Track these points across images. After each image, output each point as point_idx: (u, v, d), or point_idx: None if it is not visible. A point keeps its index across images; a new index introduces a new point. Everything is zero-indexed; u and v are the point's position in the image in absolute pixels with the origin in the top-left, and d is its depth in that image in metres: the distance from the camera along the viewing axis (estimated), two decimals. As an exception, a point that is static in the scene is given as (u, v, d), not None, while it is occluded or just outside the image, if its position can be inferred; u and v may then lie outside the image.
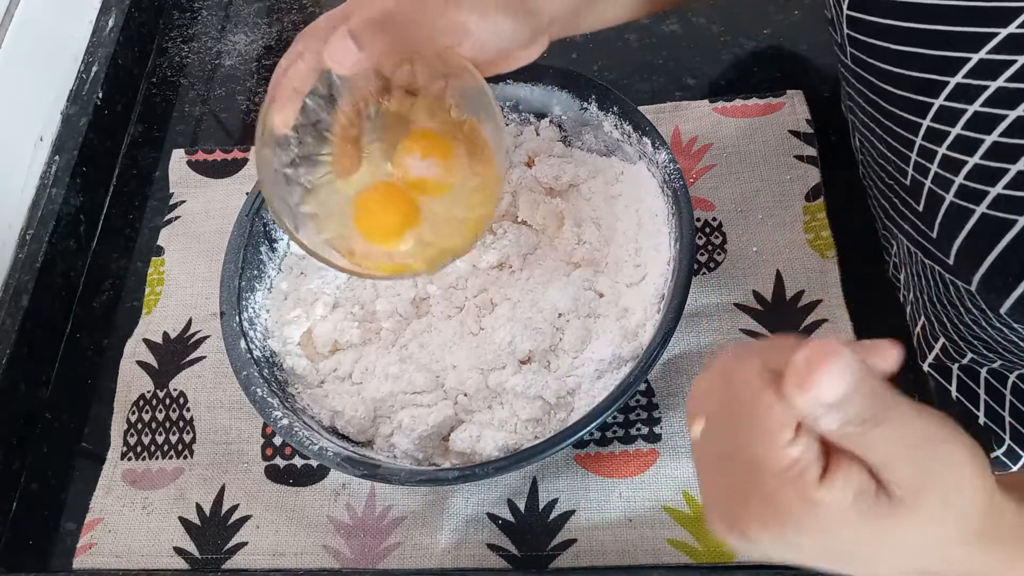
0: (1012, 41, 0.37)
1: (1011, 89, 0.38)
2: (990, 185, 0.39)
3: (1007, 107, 0.38)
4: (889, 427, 0.30)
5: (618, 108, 0.59)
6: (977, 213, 0.39)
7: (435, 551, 0.55)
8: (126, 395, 0.64)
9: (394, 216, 0.53)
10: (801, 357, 0.29)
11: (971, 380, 0.53)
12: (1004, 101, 0.38)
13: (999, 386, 0.52)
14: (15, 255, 0.69)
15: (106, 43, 0.79)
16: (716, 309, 0.59)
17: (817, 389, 0.29)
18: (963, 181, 0.40)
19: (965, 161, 0.40)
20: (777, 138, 0.64)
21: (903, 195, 0.48)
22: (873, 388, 0.30)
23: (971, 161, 0.39)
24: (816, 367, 0.29)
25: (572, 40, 0.75)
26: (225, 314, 0.57)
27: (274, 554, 0.57)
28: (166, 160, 0.75)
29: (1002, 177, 0.38)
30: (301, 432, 0.52)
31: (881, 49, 0.43)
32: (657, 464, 0.55)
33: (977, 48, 0.38)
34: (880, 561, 0.32)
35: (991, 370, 0.51)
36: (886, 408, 0.30)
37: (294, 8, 0.83)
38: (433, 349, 0.59)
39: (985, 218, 0.39)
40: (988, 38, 0.38)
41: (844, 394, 0.29)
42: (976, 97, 0.39)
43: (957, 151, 0.40)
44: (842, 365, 0.28)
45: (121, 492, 0.61)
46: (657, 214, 0.57)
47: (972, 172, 0.39)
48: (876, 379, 0.30)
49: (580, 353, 0.56)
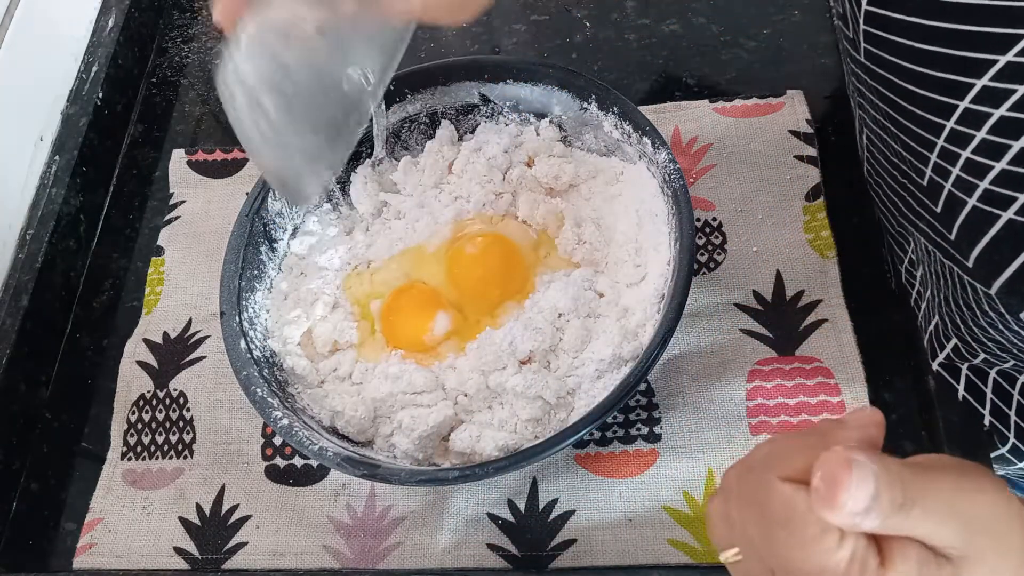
0: None
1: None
2: (1019, 191, 0.38)
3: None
4: (924, 502, 0.31)
5: (618, 108, 0.59)
6: (1003, 219, 0.39)
7: (435, 551, 0.55)
8: (126, 395, 0.64)
9: (415, 322, 0.59)
10: (819, 479, 0.30)
11: (979, 380, 0.53)
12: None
13: (1007, 386, 0.52)
14: (15, 255, 0.69)
15: (106, 43, 0.79)
16: (716, 309, 0.59)
17: (845, 506, 0.30)
18: (988, 186, 0.39)
19: (991, 166, 0.39)
20: (777, 138, 0.64)
21: (919, 195, 0.47)
22: (894, 474, 0.31)
23: (998, 166, 0.38)
24: (837, 485, 0.30)
25: (572, 40, 0.75)
26: (225, 314, 0.57)
27: (274, 554, 0.57)
28: (166, 160, 0.75)
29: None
30: (301, 432, 0.52)
31: (902, 47, 0.41)
32: (657, 464, 0.55)
33: (1005, 50, 0.37)
34: None
35: (1000, 371, 0.51)
36: (915, 486, 0.31)
37: (294, 8, 0.83)
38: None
39: (1012, 224, 0.39)
40: (1017, 40, 0.36)
41: (872, 498, 0.30)
42: (1004, 101, 0.38)
43: (983, 155, 0.39)
44: (861, 474, 0.30)
45: (121, 492, 0.61)
46: (657, 214, 0.57)
47: (998, 177, 0.39)
48: (892, 463, 0.31)
49: (580, 353, 0.56)
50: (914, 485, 0.31)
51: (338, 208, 0.66)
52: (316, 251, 0.63)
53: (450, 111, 0.65)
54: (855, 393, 0.54)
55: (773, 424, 0.54)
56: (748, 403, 0.55)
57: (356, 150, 0.65)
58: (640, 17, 0.75)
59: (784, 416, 0.54)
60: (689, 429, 0.55)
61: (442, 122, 0.65)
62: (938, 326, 0.53)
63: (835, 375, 0.55)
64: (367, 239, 0.64)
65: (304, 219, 0.64)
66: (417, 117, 0.65)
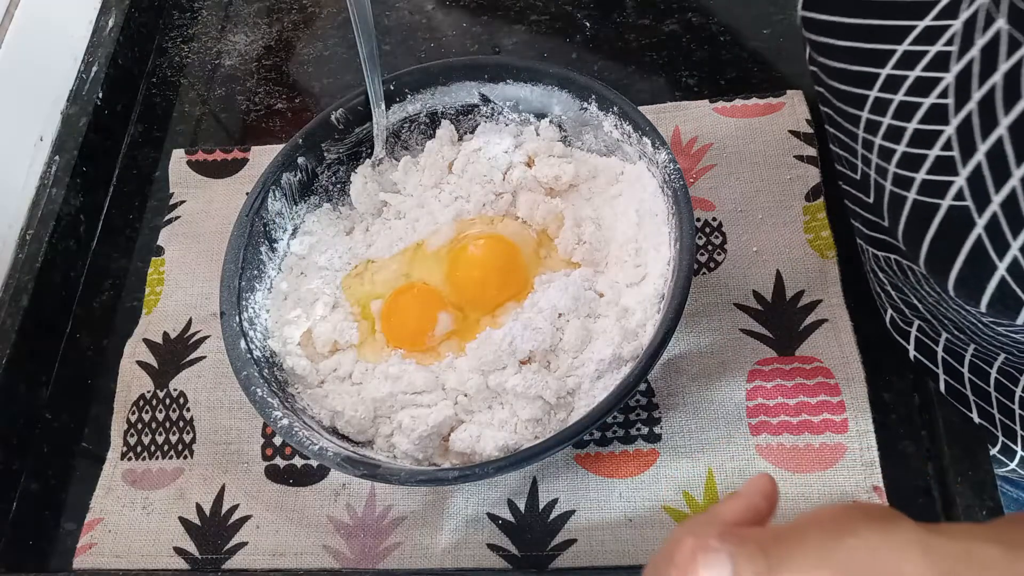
0: (927, 32, 0.40)
1: (925, 78, 0.40)
2: (915, 171, 0.40)
3: (921, 95, 0.40)
4: (790, 563, 0.33)
5: (618, 108, 0.59)
6: (909, 199, 0.40)
7: (435, 551, 0.55)
8: (126, 395, 0.64)
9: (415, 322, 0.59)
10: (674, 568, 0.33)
11: (957, 383, 0.53)
12: (919, 89, 0.40)
13: (983, 384, 0.52)
14: (15, 255, 0.69)
15: (106, 43, 0.79)
16: (716, 309, 0.59)
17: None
18: (895, 169, 0.41)
19: (895, 149, 0.41)
20: (777, 138, 0.64)
21: (857, 193, 0.49)
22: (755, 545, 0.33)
23: (899, 149, 0.41)
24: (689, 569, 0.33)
25: (572, 40, 0.75)
26: (225, 314, 0.57)
27: (274, 554, 0.57)
28: (166, 160, 0.75)
29: (923, 163, 0.40)
30: (301, 432, 0.52)
31: (830, 46, 0.45)
32: (657, 464, 0.55)
33: (901, 40, 0.41)
34: None
35: (973, 366, 0.51)
36: (779, 551, 0.33)
37: (294, 8, 0.83)
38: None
39: (916, 204, 0.40)
40: (909, 30, 0.40)
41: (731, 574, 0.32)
42: (900, 86, 0.41)
43: (889, 140, 0.41)
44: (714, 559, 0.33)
45: (121, 492, 0.61)
46: (657, 214, 0.57)
47: (901, 159, 0.41)
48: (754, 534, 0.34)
49: (580, 353, 0.56)
50: (778, 550, 0.33)
51: (338, 208, 0.66)
52: (316, 251, 0.63)
53: (450, 111, 0.65)
54: (855, 393, 0.54)
55: (773, 424, 0.54)
56: (748, 403, 0.55)
57: (356, 150, 0.65)
58: (640, 17, 0.75)
59: (784, 416, 0.54)
60: (689, 429, 0.55)
61: (442, 122, 0.65)
62: (894, 317, 0.54)
63: (835, 375, 0.55)
64: (367, 239, 0.64)
65: (304, 219, 0.64)
66: (417, 117, 0.65)
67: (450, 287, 0.60)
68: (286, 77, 0.79)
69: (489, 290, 0.59)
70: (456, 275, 0.60)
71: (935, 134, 0.39)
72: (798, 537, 0.34)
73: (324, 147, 0.64)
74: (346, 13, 0.64)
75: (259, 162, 0.72)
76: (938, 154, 0.38)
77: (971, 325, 0.47)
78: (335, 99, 0.64)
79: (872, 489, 0.51)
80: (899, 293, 0.52)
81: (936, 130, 0.39)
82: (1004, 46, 0.35)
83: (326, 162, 0.64)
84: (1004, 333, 0.46)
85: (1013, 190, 0.35)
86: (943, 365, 0.53)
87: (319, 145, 0.63)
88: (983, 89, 0.36)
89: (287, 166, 0.62)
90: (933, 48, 0.39)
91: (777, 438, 0.54)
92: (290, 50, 0.81)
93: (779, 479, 0.53)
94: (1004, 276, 0.36)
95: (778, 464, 0.53)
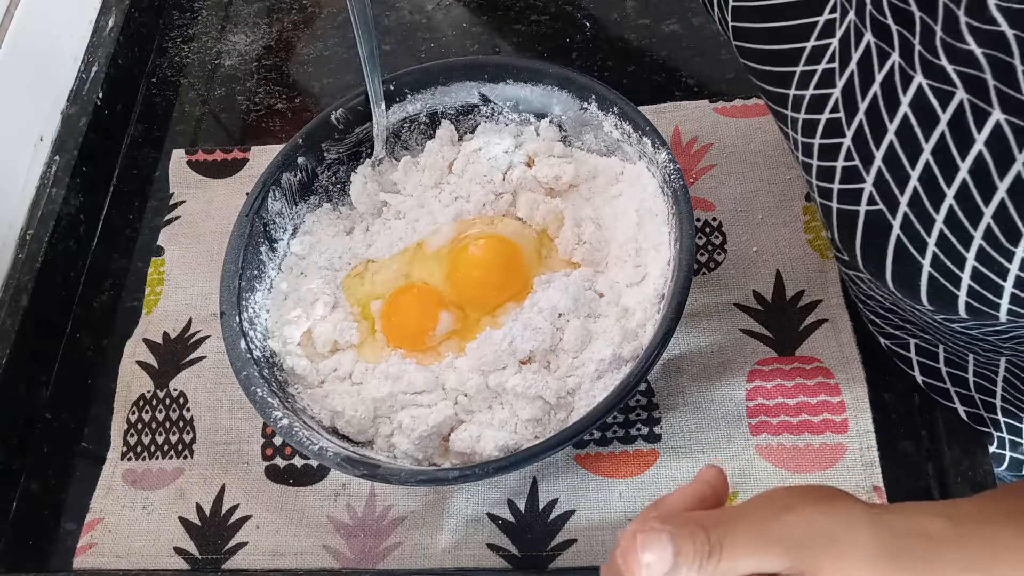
0: (814, 52, 0.42)
1: (818, 95, 0.41)
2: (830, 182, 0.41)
3: (818, 112, 0.41)
4: (733, 539, 0.33)
5: (618, 108, 0.59)
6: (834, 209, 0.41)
7: (435, 551, 0.55)
8: (126, 395, 0.64)
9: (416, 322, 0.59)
10: (619, 557, 0.33)
11: (937, 381, 0.53)
12: (815, 107, 0.41)
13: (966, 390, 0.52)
14: (15, 255, 0.69)
15: (106, 43, 0.79)
16: (716, 309, 0.59)
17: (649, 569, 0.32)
18: (816, 182, 0.42)
19: (812, 164, 0.42)
20: (777, 138, 0.64)
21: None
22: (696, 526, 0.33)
23: (814, 163, 0.42)
24: (629, 557, 0.33)
25: (572, 40, 0.75)
26: (225, 314, 0.57)
27: (274, 554, 0.57)
28: (166, 160, 0.75)
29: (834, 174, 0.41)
30: (301, 432, 0.52)
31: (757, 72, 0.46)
32: (657, 464, 0.55)
33: (807, 37, 0.42)
34: None
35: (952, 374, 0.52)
36: (720, 529, 0.33)
37: (294, 8, 0.83)
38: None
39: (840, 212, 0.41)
40: (801, 51, 0.42)
41: (674, 554, 0.32)
42: (801, 105, 0.42)
43: (806, 155, 0.43)
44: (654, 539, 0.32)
45: (121, 492, 0.61)
46: (657, 214, 0.57)
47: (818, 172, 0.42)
48: (696, 517, 0.34)
49: (580, 353, 0.56)
50: (719, 529, 0.33)
51: (338, 208, 0.66)
52: (316, 251, 0.63)
53: (450, 111, 0.65)
54: (855, 393, 0.54)
55: (773, 424, 0.54)
56: (748, 403, 0.55)
57: (356, 150, 0.65)
58: (640, 17, 0.75)
59: (784, 416, 0.54)
60: (689, 429, 0.55)
61: (442, 122, 0.65)
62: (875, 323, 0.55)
63: (835, 375, 0.55)
64: (367, 239, 0.64)
65: (304, 219, 0.64)
66: (417, 117, 0.65)
67: (451, 287, 0.60)
68: (286, 77, 0.79)
69: (490, 290, 0.59)
70: (457, 275, 0.60)
71: (836, 147, 0.40)
72: (739, 516, 0.34)
73: (324, 147, 0.64)
74: (346, 13, 0.64)
75: (259, 162, 0.72)
76: (843, 164, 0.40)
77: (930, 325, 0.48)
78: (335, 99, 0.64)
79: (872, 489, 0.52)
80: (884, 320, 0.52)
81: (836, 143, 0.40)
82: (875, 58, 0.37)
83: (326, 162, 0.64)
84: (961, 330, 0.46)
85: (915, 190, 0.36)
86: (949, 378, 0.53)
87: (319, 145, 0.63)
88: (867, 100, 0.38)
89: (287, 166, 0.62)
90: (820, 66, 0.41)
91: (777, 438, 0.54)
92: (290, 50, 0.81)
93: (779, 479, 0.53)
94: (931, 272, 0.37)
95: (778, 464, 0.53)
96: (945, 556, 0.33)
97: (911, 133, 0.36)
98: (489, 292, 0.59)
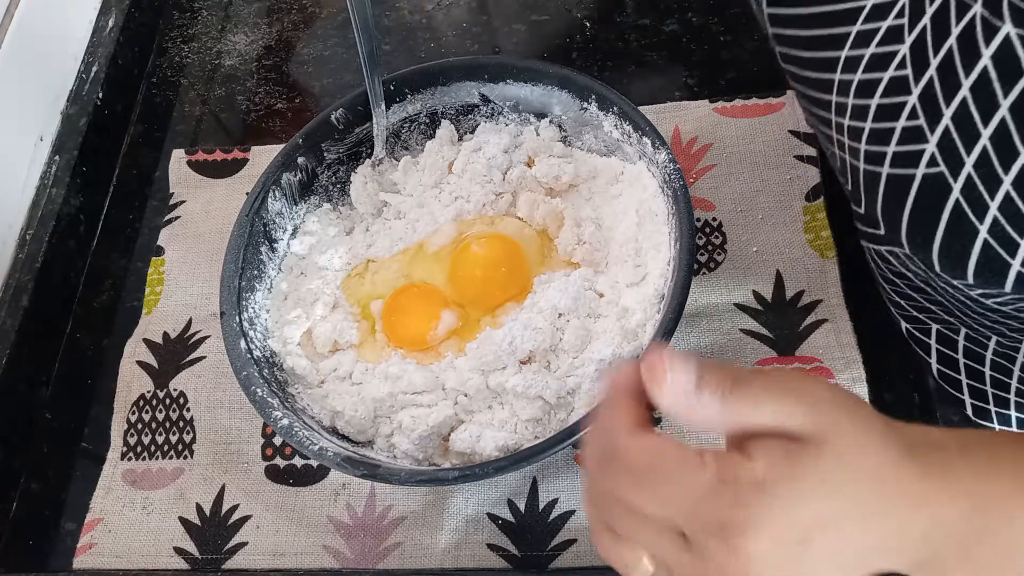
0: (876, 10, 0.41)
1: (880, 54, 0.40)
2: (885, 145, 0.40)
3: (880, 70, 0.40)
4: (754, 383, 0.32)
5: (618, 108, 0.59)
6: (884, 175, 0.41)
7: (435, 551, 0.55)
8: (126, 395, 0.64)
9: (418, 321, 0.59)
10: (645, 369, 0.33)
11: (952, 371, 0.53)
12: (877, 65, 0.41)
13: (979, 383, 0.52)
14: (15, 255, 0.69)
15: (106, 43, 0.79)
16: (716, 309, 0.59)
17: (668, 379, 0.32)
18: (866, 147, 0.41)
19: (863, 128, 0.41)
20: (777, 138, 0.64)
21: (842, 182, 0.49)
22: (714, 364, 0.32)
23: (867, 126, 0.41)
24: (656, 366, 0.32)
25: (572, 40, 0.75)
26: (225, 314, 0.57)
27: (274, 554, 0.57)
28: (166, 160, 0.75)
29: (892, 136, 0.40)
30: (301, 432, 0.52)
31: (795, 38, 0.46)
32: (657, 464, 0.55)
33: (854, 21, 0.42)
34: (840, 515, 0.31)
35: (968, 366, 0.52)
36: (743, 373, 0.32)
37: (294, 8, 0.83)
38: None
39: (890, 178, 0.40)
40: (859, 11, 0.41)
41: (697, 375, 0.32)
42: (858, 65, 0.41)
43: (857, 119, 0.42)
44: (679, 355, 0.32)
45: (121, 492, 0.61)
46: (657, 214, 0.57)
47: (870, 136, 0.41)
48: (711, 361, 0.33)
49: (580, 353, 0.56)
50: (743, 372, 0.32)
51: (338, 208, 0.66)
52: (316, 251, 0.63)
53: (450, 111, 0.65)
54: (855, 393, 0.54)
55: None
56: (748, 403, 0.55)
57: (356, 150, 0.65)
58: (640, 17, 0.75)
59: (784, 416, 0.54)
60: (689, 429, 0.55)
61: (442, 122, 0.65)
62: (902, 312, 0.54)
63: (835, 375, 0.55)
64: (367, 239, 0.64)
65: (304, 219, 0.64)
66: (417, 117, 0.65)
67: (453, 285, 0.60)
68: (286, 77, 0.79)
69: (493, 288, 0.59)
70: (459, 273, 0.60)
71: (899, 106, 0.39)
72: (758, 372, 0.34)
73: (324, 147, 0.64)
74: (346, 13, 0.64)
75: (259, 162, 0.72)
76: (904, 125, 0.39)
77: (960, 305, 0.47)
78: (335, 99, 0.64)
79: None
80: (909, 301, 0.52)
81: (899, 102, 0.39)
82: (953, 10, 0.36)
83: (326, 162, 0.64)
84: (994, 307, 0.45)
85: (984, 149, 0.35)
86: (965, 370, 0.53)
87: (319, 145, 0.63)
88: (940, 55, 0.37)
89: (287, 166, 0.62)
90: (884, 23, 0.40)
91: (777, 438, 0.54)
92: (290, 50, 0.81)
93: (779, 479, 0.53)
94: (987, 239, 0.36)
95: (778, 464, 0.53)
96: (952, 462, 0.33)
97: (988, 89, 0.35)
98: (492, 291, 0.59)
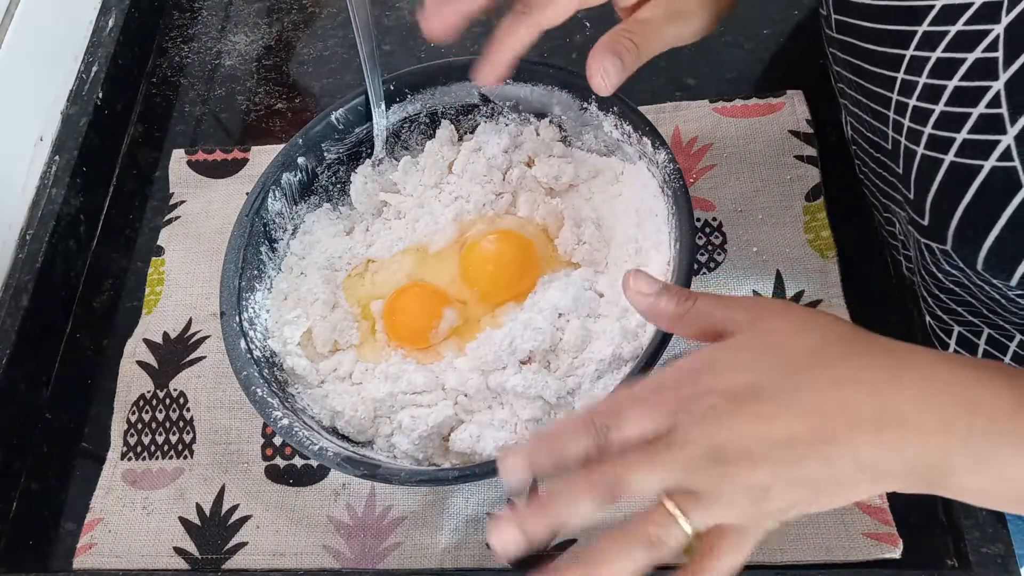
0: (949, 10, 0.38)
1: (969, 32, 0.38)
2: (955, 131, 0.38)
3: (965, 50, 0.38)
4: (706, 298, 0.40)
5: (618, 108, 0.59)
6: (945, 162, 0.39)
7: (435, 551, 0.55)
8: (126, 395, 0.64)
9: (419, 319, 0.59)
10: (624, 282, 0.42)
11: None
12: (962, 44, 0.38)
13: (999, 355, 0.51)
14: (15, 255, 0.69)
15: (106, 43, 0.79)
16: (716, 309, 0.59)
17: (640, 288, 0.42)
18: (931, 131, 0.40)
19: (932, 110, 0.39)
20: (777, 138, 0.64)
21: (888, 162, 0.48)
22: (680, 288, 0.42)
23: (937, 108, 0.39)
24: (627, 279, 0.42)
25: (572, 40, 0.75)
26: (225, 314, 0.57)
27: (274, 554, 0.57)
28: (166, 160, 0.75)
29: (965, 122, 0.38)
30: (301, 432, 0.52)
31: (862, 8, 0.43)
32: (657, 464, 0.55)
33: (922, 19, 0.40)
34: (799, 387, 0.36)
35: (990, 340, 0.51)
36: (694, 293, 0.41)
37: (294, 8, 0.83)
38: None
39: (953, 167, 0.39)
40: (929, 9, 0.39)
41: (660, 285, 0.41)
42: (939, 43, 0.39)
43: (925, 100, 0.40)
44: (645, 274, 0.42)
45: (121, 492, 0.61)
46: (657, 214, 0.57)
47: (939, 120, 0.39)
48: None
49: (580, 353, 0.56)
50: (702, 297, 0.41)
51: (338, 208, 0.66)
52: (316, 251, 0.63)
53: (450, 111, 0.65)
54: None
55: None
56: (748, 403, 0.55)
57: (356, 150, 0.65)
58: (640, 17, 0.75)
59: (784, 416, 0.54)
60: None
61: (442, 122, 0.65)
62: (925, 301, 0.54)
63: (835, 375, 0.55)
64: (367, 239, 0.64)
65: (304, 219, 0.64)
66: (417, 117, 0.65)
67: (463, 278, 0.60)
68: (286, 77, 0.79)
69: (503, 284, 0.59)
70: (470, 268, 0.60)
71: (980, 91, 0.37)
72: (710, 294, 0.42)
73: (324, 147, 0.64)
74: (346, 13, 0.64)
75: (259, 162, 0.72)
76: (983, 112, 0.37)
77: (992, 304, 0.46)
78: (335, 99, 0.64)
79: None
80: (945, 297, 0.51)
81: (982, 86, 0.37)
82: None
83: (326, 162, 0.64)
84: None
85: None
86: None
87: (319, 145, 0.63)
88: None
89: (287, 166, 0.62)
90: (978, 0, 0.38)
91: (777, 438, 0.54)
92: (290, 50, 0.81)
93: (779, 479, 0.53)
94: None
95: (778, 464, 0.53)
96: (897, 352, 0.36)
97: None
98: (502, 286, 0.59)
